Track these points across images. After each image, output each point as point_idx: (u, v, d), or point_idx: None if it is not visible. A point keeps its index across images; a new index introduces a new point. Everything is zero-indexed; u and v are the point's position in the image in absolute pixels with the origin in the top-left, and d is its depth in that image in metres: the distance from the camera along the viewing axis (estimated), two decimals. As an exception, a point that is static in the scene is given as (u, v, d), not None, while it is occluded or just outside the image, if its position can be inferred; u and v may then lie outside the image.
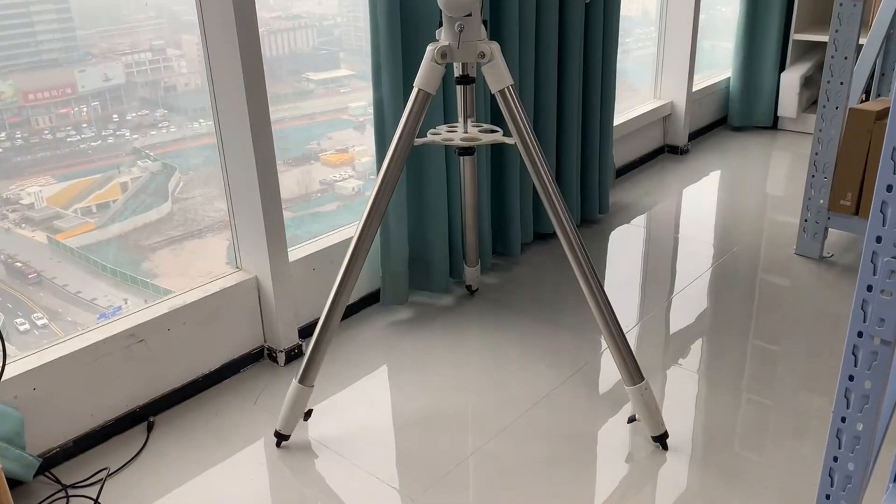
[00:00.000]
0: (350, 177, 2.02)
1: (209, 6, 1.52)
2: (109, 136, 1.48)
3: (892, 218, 0.73)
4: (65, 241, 1.48)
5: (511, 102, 1.41)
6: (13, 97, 1.29)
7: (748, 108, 3.42)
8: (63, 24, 1.36)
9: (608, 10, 2.31)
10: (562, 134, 2.29)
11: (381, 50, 1.74)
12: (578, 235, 1.42)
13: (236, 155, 1.63)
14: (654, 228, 2.49)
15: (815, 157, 2.12)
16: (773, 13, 3.24)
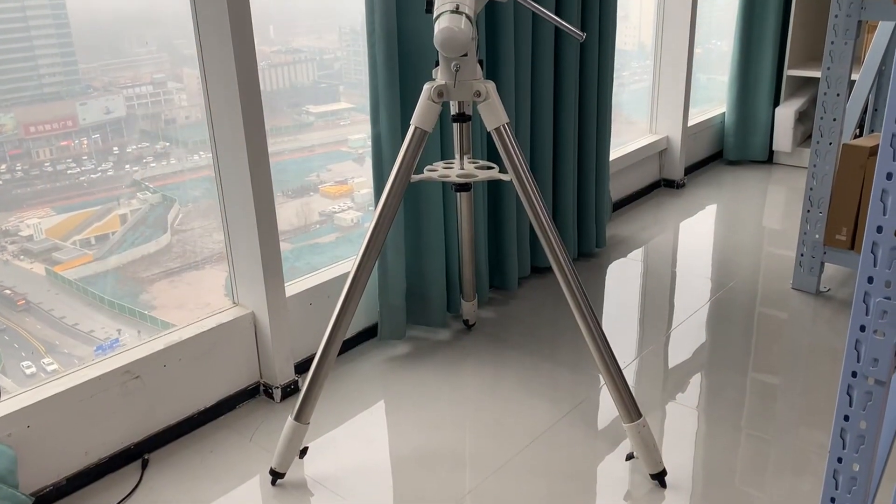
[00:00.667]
0: (349, 208, 2.04)
1: (208, 40, 1.54)
2: (109, 169, 1.49)
3: (882, 258, 0.73)
4: (63, 272, 1.48)
5: (507, 140, 1.42)
6: (14, 129, 1.31)
7: (743, 142, 3.45)
8: (65, 58, 1.38)
9: (603, 47, 2.34)
10: (558, 169, 2.31)
11: (379, 88, 1.76)
12: (574, 272, 1.43)
13: (234, 189, 1.64)
14: (651, 262, 2.50)
15: (810, 192, 2.13)
16: (767, 49, 3.28)
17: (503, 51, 1.96)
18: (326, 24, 1.89)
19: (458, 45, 1.27)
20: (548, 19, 1.54)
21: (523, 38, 2.02)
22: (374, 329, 2.02)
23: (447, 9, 1.29)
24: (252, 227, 1.64)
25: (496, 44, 1.96)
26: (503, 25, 1.94)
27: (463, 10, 1.28)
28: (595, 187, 2.46)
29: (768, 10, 3.23)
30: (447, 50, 1.28)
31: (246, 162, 1.59)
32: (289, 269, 1.74)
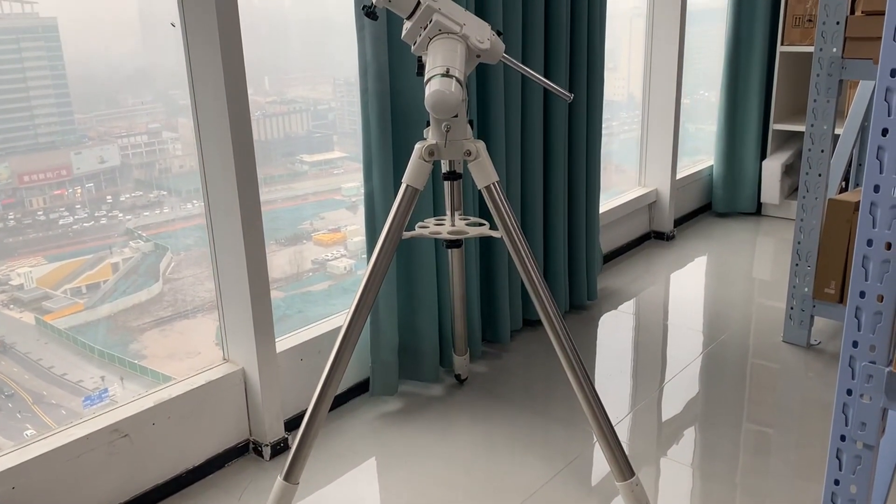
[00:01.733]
0: (342, 256, 2.04)
1: (202, 91, 1.56)
2: (102, 217, 1.49)
3: (866, 323, 0.74)
4: (52, 321, 1.47)
5: (497, 198, 1.44)
6: (8, 179, 1.31)
7: (732, 194, 3.49)
8: (62, 108, 1.39)
9: (591, 103, 2.38)
10: (549, 222, 2.33)
11: (372, 146, 1.78)
12: (566, 328, 1.43)
13: (226, 246, 1.65)
14: (642, 315, 2.50)
15: (798, 245, 2.16)
16: (752, 104, 3.35)
17: (493, 110, 1.99)
18: (321, 76, 1.92)
19: (448, 108, 1.30)
20: (536, 81, 1.58)
21: (513, 97, 2.07)
22: (366, 384, 2.01)
23: (438, 72, 1.31)
24: (243, 282, 1.64)
25: (486, 103, 2.00)
26: (493, 85, 1.98)
27: (453, 73, 1.31)
28: (586, 240, 2.48)
29: (752, 67, 3.31)
30: (438, 112, 1.31)
31: (238, 217, 1.60)
32: (280, 317, 1.72)
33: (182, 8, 1.55)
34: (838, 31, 1.96)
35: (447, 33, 1.40)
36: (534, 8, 2.06)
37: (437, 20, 1.39)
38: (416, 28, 1.42)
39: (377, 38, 1.72)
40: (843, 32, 1.96)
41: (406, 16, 1.43)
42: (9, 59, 1.30)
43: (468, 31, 1.41)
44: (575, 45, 2.26)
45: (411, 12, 1.41)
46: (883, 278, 0.73)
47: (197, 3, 1.51)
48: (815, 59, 2.01)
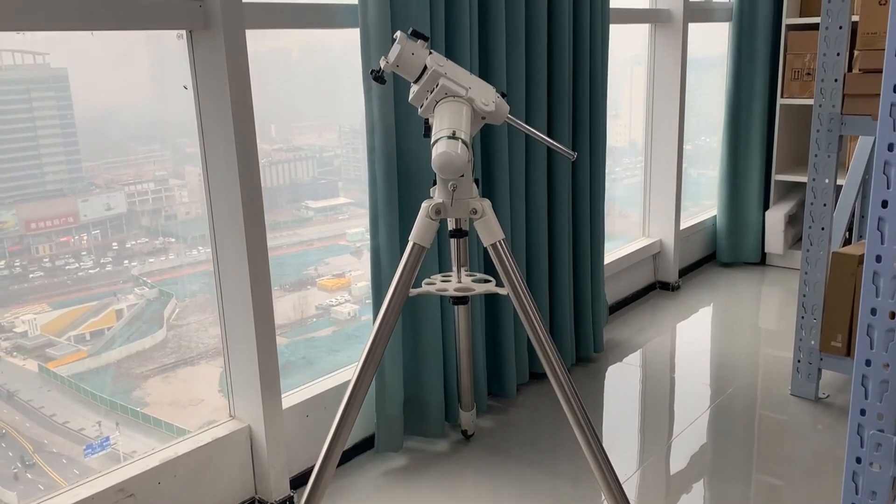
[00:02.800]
0: (346, 301, 2.04)
1: (211, 140, 1.59)
2: (108, 264, 1.50)
3: (873, 391, 0.75)
4: (56, 369, 1.47)
5: (503, 255, 1.46)
6: (15, 226, 1.32)
7: (735, 244, 3.51)
8: (70, 156, 1.40)
9: (594, 158, 2.41)
10: (554, 275, 2.34)
11: (378, 203, 1.81)
12: (573, 385, 1.43)
13: (233, 300, 1.66)
14: (649, 367, 2.49)
15: (804, 298, 2.16)
16: (754, 155, 3.39)
17: (498, 166, 2.02)
18: (326, 123, 1.94)
19: (454, 169, 1.32)
20: (540, 140, 1.61)
21: (517, 154, 2.10)
22: (371, 440, 2.00)
23: (444, 134, 1.34)
24: (251, 341, 1.65)
25: (491, 160, 2.03)
26: (497, 142, 2.01)
27: (459, 135, 1.34)
28: (591, 292, 2.49)
29: (753, 119, 3.36)
30: (444, 173, 1.33)
31: (248, 278, 1.61)
32: (284, 363, 1.72)
33: (194, 71, 1.59)
34: (837, 88, 2.00)
35: (453, 96, 1.43)
36: (537, 62, 2.10)
37: (444, 84, 1.42)
38: (423, 91, 1.45)
39: (384, 99, 1.75)
40: (841, 89, 1.99)
41: (413, 80, 1.46)
42: (19, 108, 1.33)
43: (473, 94, 1.44)
44: (577, 102, 2.30)
45: (418, 76, 1.45)
46: (888, 347, 0.73)
47: (209, 68, 1.56)
48: (814, 115, 2.04)
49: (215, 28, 1.52)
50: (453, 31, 1.85)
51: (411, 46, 1.44)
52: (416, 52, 1.44)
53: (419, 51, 1.44)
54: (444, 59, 1.46)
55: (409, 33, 1.45)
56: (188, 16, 1.51)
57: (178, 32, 1.59)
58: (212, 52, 1.55)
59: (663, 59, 3.04)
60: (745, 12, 3.26)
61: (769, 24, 3.27)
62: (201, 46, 1.56)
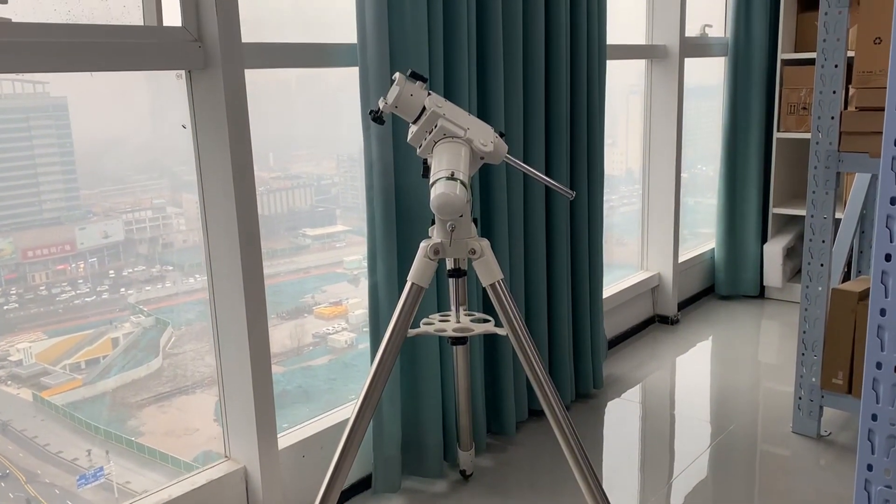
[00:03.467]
0: (343, 329, 2.03)
1: (210, 178, 1.58)
2: (104, 292, 1.48)
3: (879, 446, 0.73)
4: (50, 398, 1.45)
5: (501, 295, 1.45)
6: (12, 254, 1.31)
7: (734, 278, 3.50)
8: (68, 185, 1.40)
9: (592, 197, 2.42)
10: (553, 312, 2.33)
11: (377, 240, 1.80)
12: (572, 425, 1.41)
13: (229, 337, 1.65)
14: (649, 403, 2.47)
15: (804, 335, 2.15)
16: (751, 189, 3.40)
17: (496, 206, 2.02)
18: (324, 152, 1.95)
19: (453, 210, 1.32)
20: (538, 180, 1.61)
21: (515, 192, 2.10)
22: (368, 480, 1.97)
23: (443, 175, 1.34)
24: (247, 382, 1.63)
25: (490, 200, 2.03)
26: (496, 182, 2.01)
27: (458, 176, 1.34)
28: (590, 328, 2.48)
29: (750, 152, 3.37)
30: (443, 213, 1.33)
31: (245, 327, 1.60)
32: (280, 392, 1.71)
33: (193, 110, 1.60)
34: (833, 125, 2.01)
35: (451, 137, 1.43)
36: (535, 101, 2.11)
37: (442, 125, 1.43)
38: (421, 132, 1.45)
39: (382, 138, 1.76)
40: (838, 127, 2.00)
41: (412, 120, 1.47)
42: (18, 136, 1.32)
43: (472, 134, 1.44)
44: (575, 141, 2.31)
45: (417, 117, 1.45)
46: (894, 401, 0.72)
47: (208, 107, 1.56)
48: (812, 152, 2.05)
49: (214, 68, 1.53)
50: (451, 71, 1.86)
51: (410, 88, 1.44)
52: (414, 93, 1.45)
53: (418, 92, 1.45)
54: (442, 99, 1.47)
55: (407, 74, 1.46)
56: (187, 56, 1.52)
57: (177, 72, 1.59)
58: (210, 93, 1.55)
59: (660, 95, 3.06)
60: (741, 47, 3.29)
61: (764, 59, 3.30)
62: (200, 86, 1.57)
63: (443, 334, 1.52)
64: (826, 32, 1.99)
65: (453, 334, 1.52)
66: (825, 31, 1.99)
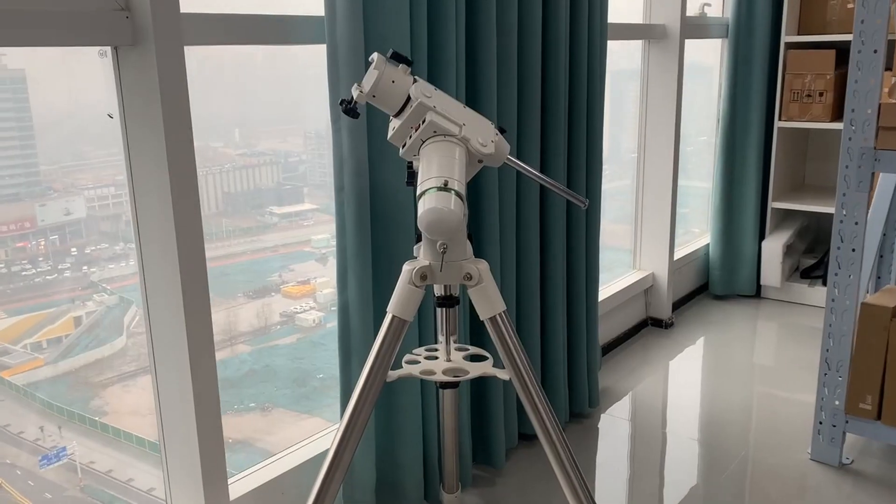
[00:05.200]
0: (311, 308, 1.92)
1: (141, 171, 1.30)
2: (66, 270, 1.44)
3: None
4: (10, 378, 1.39)
5: (503, 330, 1.18)
6: None
7: (730, 276, 3.28)
8: (27, 160, 1.35)
9: (590, 197, 2.15)
10: (547, 324, 2.07)
11: (347, 252, 1.52)
12: (574, 461, 1.16)
13: (170, 383, 1.36)
14: (646, 423, 2.23)
15: (827, 353, 1.92)
16: (750, 182, 3.17)
17: (486, 209, 1.74)
18: (291, 129, 1.88)
19: (447, 229, 1.05)
20: (549, 187, 1.33)
21: (507, 195, 1.82)
22: (338, 527, 1.70)
23: (433, 185, 1.06)
24: (191, 428, 1.35)
25: (479, 201, 1.75)
26: (487, 182, 1.73)
27: (452, 186, 1.06)
28: (587, 340, 2.22)
29: (749, 143, 3.13)
30: (434, 234, 1.05)
31: (186, 353, 1.32)
32: (246, 371, 1.64)
33: (121, 96, 1.29)
34: (870, 119, 1.76)
35: (443, 135, 1.15)
36: (531, 87, 1.83)
37: (432, 120, 1.14)
38: (405, 128, 1.17)
39: (355, 130, 1.47)
40: (875, 121, 1.76)
41: (394, 113, 1.18)
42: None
43: (468, 132, 1.16)
44: (573, 134, 2.04)
45: (400, 109, 1.17)
46: None
47: (138, 92, 1.26)
48: (843, 149, 1.81)
49: (146, 44, 1.23)
50: (436, 51, 1.57)
51: (391, 72, 1.16)
52: (397, 79, 1.16)
53: (401, 77, 1.16)
54: (431, 87, 1.18)
55: (388, 56, 1.17)
56: (111, 29, 1.21)
57: (100, 49, 1.28)
58: (141, 75, 1.25)
59: (658, 80, 2.80)
60: (742, 29, 3.04)
61: (767, 42, 3.06)
62: (129, 67, 1.27)
63: (430, 378, 1.24)
64: (865, 12, 1.73)
65: (444, 378, 1.24)
66: (864, 10, 1.73)
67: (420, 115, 1.15)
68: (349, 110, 1.18)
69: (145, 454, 1.56)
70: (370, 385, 1.17)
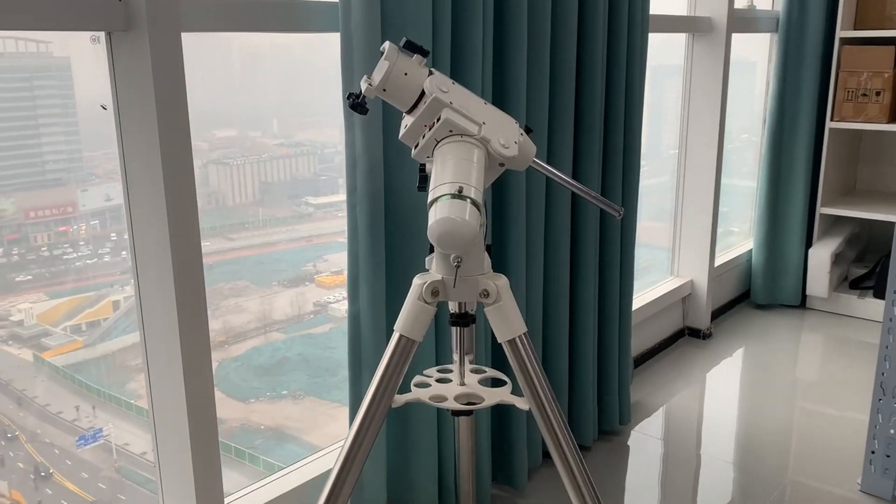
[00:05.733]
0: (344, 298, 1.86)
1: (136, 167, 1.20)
2: (106, 255, 1.47)
3: None
4: (51, 359, 1.43)
5: (523, 354, 1.06)
6: (14, 214, 1.32)
7: (773, 284, 3.10)
8: (71, 146, 1.38)
9: (627, 205, 2.01)
10: (576, 334, 1.94)
11: (360, 257, 1.41)
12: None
13: (165, 401, 1.27)
14: (681, 442, 2.09)
15: (882, 377, 1.76)
16: (797, 185, 2.98)
17: (511, 217, 1.61)
18: (328, 120, 1.86)
19: (461, 241, 0.92)
20: (581, 194, 1.21)
21: (535, 198, 1.69)
22: (346, 550, 1.59)
23: (446, 191, 0.94)
24: (185, 449, 1.25)
25: (504, 204, 1.62)
26: (513, 188, 1.60)
27: (468, 193, 0.94)
28: (619, 352, 2.08)
29: (798, 144, 2.95)
30: (447, 246, 0.93)
31: (178, 354, 1.22)
32: (279, 358, 1.67)
33: (115, 85, 1.19)
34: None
35: (460, 135, 1.03)
36: (564, 83, 1.70)
37: (448, 118, 1.02)
38: (418, 126, 1.05)
39: (369, 126, 1.35)
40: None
41: (406, 109, 1.06)
42: (21, 96, 1.30)
43: (489, 131, 1.04)
44: (609, 135, 1.89)
45: (413, 105, 1.05)
46: None
47: (132, 82, 1.16)
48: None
49: (139, 30, 1.12)
50: (461, 40, 1.45)
51: (404, 63, 1.04)
52: (410, 71, 1.04)
53: (415, 69, 1.04)
54: (448, 81, 1.06)
55: (401, 45, 1.05)
56: (103, 14, 1.11)
57: (92, 35, 1.19)
58: (135, 63, 1.15)
59: (701, 77, 2.64)
60: (794, 23, 2.86)
61: (820, 38, 2.87)
62: (122, 54, 1.17)
63: (441, 405, 1.12)
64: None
65: (456, 406, 1.12)
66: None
67: (435, 112, 1.03)
68: (356, 105, 1.06)
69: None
70: (374, 409, 1.06)
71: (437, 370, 1.22)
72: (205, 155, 1.59)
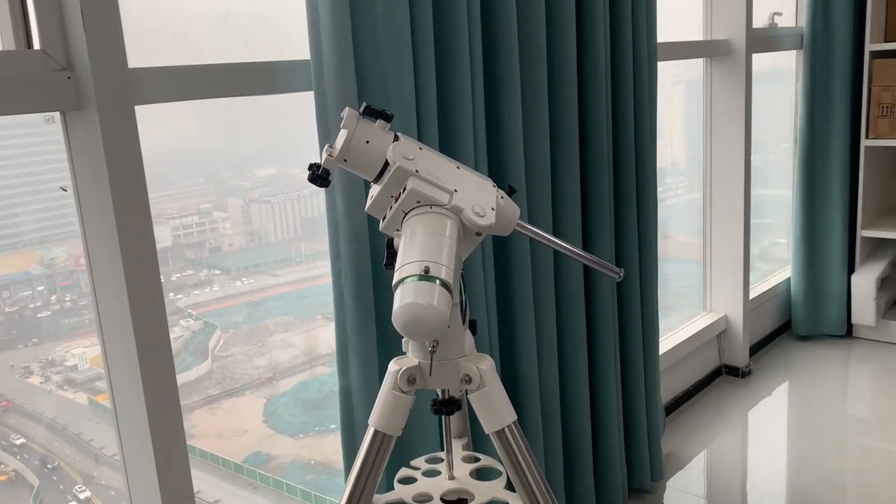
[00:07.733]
0: None
1: (98, 254, 1.12)
2: None
3: None
4: (104, 402, 1.42)
5: (513, 445, 0.94)
6: (66, 261, 1.35)
7: (815, 314, 2.92)
8: None
9: (644, 247, 1.88)
10: (597, 384, 1.80)
11: (347, 328, 1.31)
12: None
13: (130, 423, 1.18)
14: (719, 500, 1.93)
15: (938, 426, 1.59)
16: (835, 207, 2.82)
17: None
18: None
19: (428, 330, 0.82)
20: (575, 258, 1.09)
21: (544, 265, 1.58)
22: None
23: (412, 272, 0.84)
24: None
25: (509, 265, 1.51)
26: (517, 259, 1.49)
27: (436, 273, 0.83)
28: (646, 402, 1.94)
29: (832, 163, 2.79)
30: (413, 334, 0.83)
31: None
32: (327, 393, 1.69)
33: (72, 164, 1.12)
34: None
35: (429, 206, 0.93)
36: (567, 125, 1.59)
37: (414, 188, 0.92)
38: (384, 197, 0.95)
39: (351, 189, 1.26)
40: None
41: (372, 178, 0.97)
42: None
43: (461, 199, 0.93)
44: (619, 172, 1.78)
45: (378, 174, 0.95)
46: None
47: (87, 161, 1.08)
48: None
49: (90, 108, 1.05)
50: (448, 91, 1.35)
51: (365, 131, 0.94)
52: (372, 138, 0.94)
53: (378, 136, 0.95)
54: (416, 146, 0.96)
55: (361, 111, 0.95)
56: (52, 92, 1.04)
57: (46, 115, 1.12)
58: (88, 141, 1.07)
59: (722, 101, 2.51)
60: (819, 38, 2.71)
61: (848, 52, 2.72)
62: (76, 133, 1.10)
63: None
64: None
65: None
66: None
67: (401, 182, 0.93)
68: (316, 178, 0.97)
69: (231, 476, 1.61)
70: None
71: (425, 460, 1.11)
72: (246, 194, 1.63)
